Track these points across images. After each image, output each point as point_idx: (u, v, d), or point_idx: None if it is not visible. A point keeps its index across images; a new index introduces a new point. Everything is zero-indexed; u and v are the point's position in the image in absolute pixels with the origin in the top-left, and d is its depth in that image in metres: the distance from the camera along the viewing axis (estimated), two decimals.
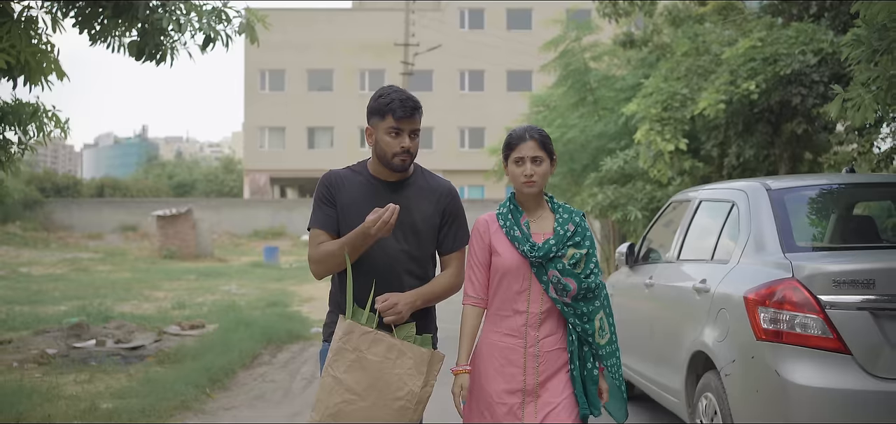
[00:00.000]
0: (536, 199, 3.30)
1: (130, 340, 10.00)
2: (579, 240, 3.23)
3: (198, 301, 14.90)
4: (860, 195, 5.42)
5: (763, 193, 4.62)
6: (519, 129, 3.28)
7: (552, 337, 3.22)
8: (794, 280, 3.96)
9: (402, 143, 3.16)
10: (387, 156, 3.18)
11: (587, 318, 3.20)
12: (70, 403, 6.27)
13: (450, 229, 3.30)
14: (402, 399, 3.03)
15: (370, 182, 3.27)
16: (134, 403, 6.31)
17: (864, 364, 3.81)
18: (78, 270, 23.07)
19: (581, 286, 3.18)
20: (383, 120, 3.17)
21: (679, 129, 12.88)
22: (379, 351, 3.04)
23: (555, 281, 3.17)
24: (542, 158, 3.23)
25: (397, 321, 3.09)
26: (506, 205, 3.31)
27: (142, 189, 51.82)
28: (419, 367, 3.06)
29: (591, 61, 19.13)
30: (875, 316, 3.83)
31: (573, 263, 3.19)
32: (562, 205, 3.33)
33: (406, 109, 3.15)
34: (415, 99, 3.20)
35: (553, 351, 3.21)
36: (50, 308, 13.56)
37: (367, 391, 3.01)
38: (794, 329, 3.90)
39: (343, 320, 3.10)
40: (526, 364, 3.19)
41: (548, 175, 3.24)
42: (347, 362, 3.03)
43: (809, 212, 4.77)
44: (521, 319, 3.21)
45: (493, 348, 3.24)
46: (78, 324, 10.66)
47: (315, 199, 3.30)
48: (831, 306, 3.86)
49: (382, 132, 3.17)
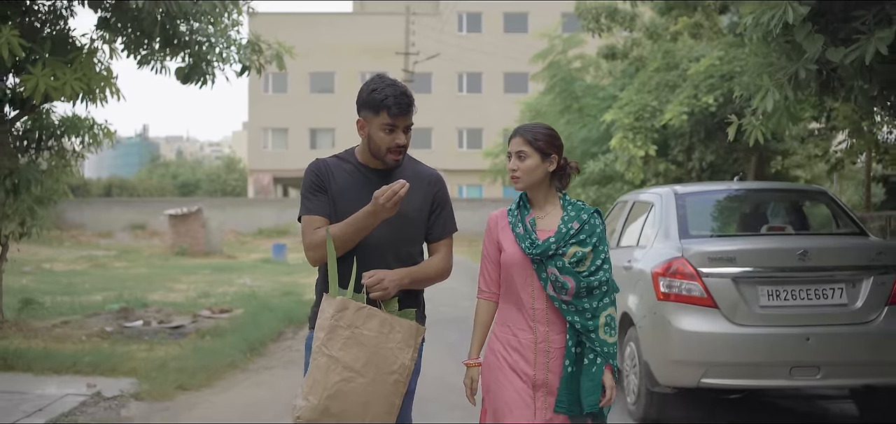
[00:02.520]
0: (543, 195, 3.30)
1: (171, 321, 11.59)
2: (584, 238, 3.21)
3: (219, 291, 16.41)
4: (744, 198, 7.11)
5: (672, 196, 6.29)
6: (517, 126, 3.36)
7: (560, 334, 3.22)
8: (683, 258, 5.64)
9: (397, 140, 3.15)
10: (381, 151, 3.17)
11: (591, 315, 3.17)
12: (144, 363, 7.90)
13: (438, 217, 3.30)
14: (395, 373, 3.04)
15: (359, 170, 3.25)
16: (193, 363, 7.95)
17: (727, 315, 5.49)
18: (97, 266, 24.29)
19: (580, 284, 3.16)
20: (377, 115, 3.13)
21: (649, 137, 14.60)
22: (373, 325, 3.02)
23: (553, 278, 3.17)
24: (527, 154, 3.22)
25: (383, 297, 3.07)
26: (516, 202, 3.35)
27: (148, 188, 52.71)
28: (408, 341, 3.07)
29: (577, 72, 20.79)
30: (735, 281, 5.52)
31: (574, 261, 3.17)
32: (573, 203, 3.31)
33: (401, 107, 3.12)
34: (409, 94, 3.17)
35: (561, 348, 3.22)
36: (86, 298, 15.01)
37: (366, 367, 3.00)
38: (682, 292, 5.57)
39: (331, 298, 3.05)
40: (536, 360, 3.21)
41: (536, 171, 3.22)
42: (343, 339, 2.99)
43: (703, 210, 6.45)
44: (528, 314, 3.23)
45: (505, 343, 3.26)
46: (123, 309, 12.29)
47: (305, 188, 3.26)
48: (707, 276, 5.53)
49: (376, 127, 3.14)
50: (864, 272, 5.54)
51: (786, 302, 5.52)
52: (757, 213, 6.84)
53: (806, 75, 5.36)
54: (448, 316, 11.33)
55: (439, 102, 47.50)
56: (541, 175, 3.24)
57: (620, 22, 18.55)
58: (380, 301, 3.07)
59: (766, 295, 5.52)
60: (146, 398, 6.70)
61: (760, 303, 5.52)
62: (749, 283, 5.53)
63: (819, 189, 7.06)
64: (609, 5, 18.37)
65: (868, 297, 5.50)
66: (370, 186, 3.14)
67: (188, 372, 7.52)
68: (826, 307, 5.51)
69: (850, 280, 5.55)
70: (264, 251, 31.07)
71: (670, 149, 15.42)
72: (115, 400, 6.54)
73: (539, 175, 3.23)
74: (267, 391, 7.27)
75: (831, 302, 5.52)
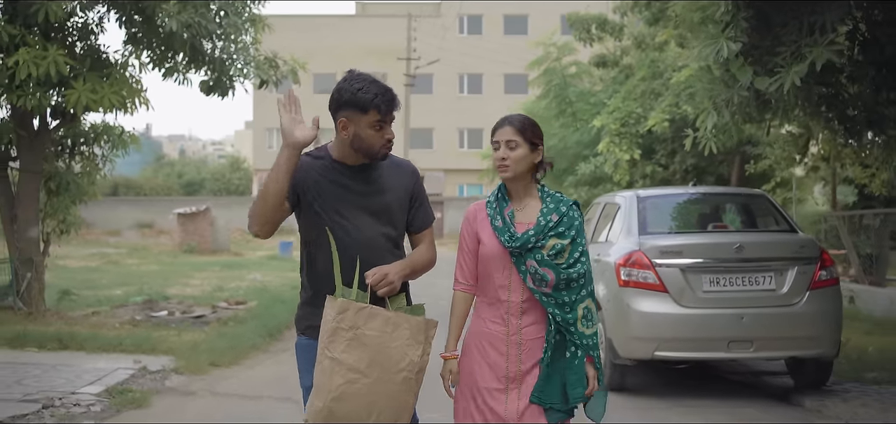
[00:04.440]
0: (523, 187, 3.26)
1: (192, 312, 12.67)
2: (563, 231, 3.19)
3: (231, 286, 17.46)
4: (696, 201, 8.20)
5: (634, 200, 7.39)
6: (503, 117, 3.31)
7: (535, 325, 3.21)
8: (640, 251, 6.74)
9: (386, 135, 3.15)
10: (373, 149, 3.14)
11: (569, 308, 3.16)
12: (178, 344, 8.99)
13: (419, 208, 3.29)
14: (404, 371, 3.01)
15: (333, 166, 3.20)
16: (221, 345, 9.04)
17: (676, 299, 6.60)
18: (110, 263, 25.08)
19: (559, 277, 3.15)
20: (366, 114, 3.10)
21: (634, 142, 15.69)
22: (376, 325, 2.99)
23: (532, 271, 3.15)
24: (517, 143, 3.19)
25: (390, 292, 3.05)
26: (494, 194, 3.32)
27: (154, 187, 53.29)
28: (416, 336, 3.04)
29: (572, 78, 21.88)
30: (682, 271, 6.63)
31: (553, 254, 3.16)
32: (551, 194, 3.28)
33: (390, 104, 3.12)
34: (394, 92, 3.18)
35: (536, 339, 3.20)
36: (107, 292, 16.08)
37: (370, 367, 2.96)
38: (639, 280, 6.67)
39: (333, 300, 3.00)
40: (508, 352, 3.20)
41: (524, 161, 3.19)
42: (345, 341, 2.95)
43: (661, 211, 7.56)
44: (503, 307, 3.22)
45: (480, 335, 3.26)
46: (147, 301, 13.39)
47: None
48: (659, 266, 6.64)
49: (365, 126, 3.11)
50: (790, 263, 6.67)
51: (724, 287, 6.64)
52: (706, 214, 7.95)
53: (740, 100, 6.46)
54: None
55: (440, 103, 48.27)
56: (528, 165, 3.22)
57: (610, 32, 19.63)
58: (387, 297, 3.06)
59: (708, 281, 6.63)
60: (184, 372, 7.80)
61: (703, 289, 6.63)
62: (694, 272, 6.64)
63: (760, 193, 8.19)
64: (599, 16, 19.44)
65: (793, 284, 6.63)
66: (346, 182, 3.17)
67: (218, 352, 8.62)
68: (758, 292, 6.64)
69: (778, 269, 6.67)
70: (270, 248, 31.93)
71: (655, 152, 16.51)
72: (159, 374, 7.64)
73: (526, 165, 3.21)
74: (289, 367, 8.24)
75: (762, 288, 6.65)
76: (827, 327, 6.70)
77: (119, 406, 6.42)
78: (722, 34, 6.27)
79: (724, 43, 6.16)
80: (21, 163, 10.75)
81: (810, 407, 6.63)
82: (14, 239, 10.72)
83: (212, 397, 7.00)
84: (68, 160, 11.89)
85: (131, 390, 6.86)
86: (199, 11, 9.85)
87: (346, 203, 3.16)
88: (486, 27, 50.11)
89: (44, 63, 9.09)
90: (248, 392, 7.21)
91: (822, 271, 6.69)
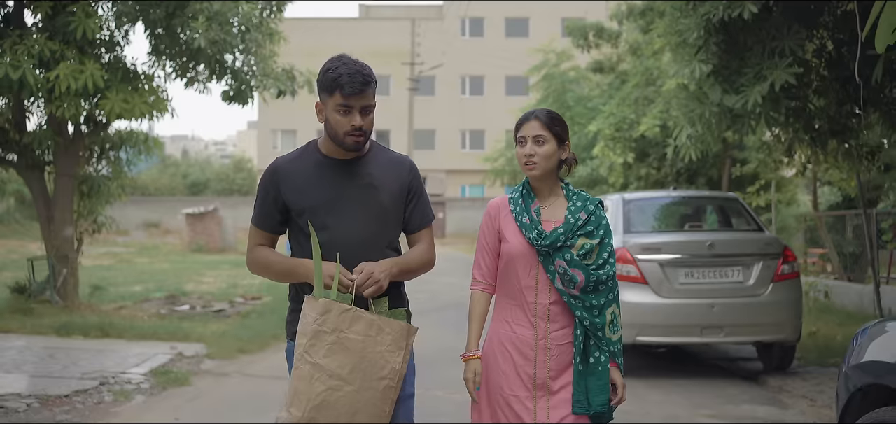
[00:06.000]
0: (549, 184, 3.12)
1: (212, 306, 13.55)
2: (592, 230, 3.06)
3: (244, 282, 18.27)
4: (676, 203, 9.08)
5: (620, 201, 8.25)
6: (528, 111, 3.17)
7: (564, 329, 3.06)
8: (624, 248, 7.59)
9: (352, 122, 2.88)
10: (338, 135, 2.91)
11: (598, 312, 3.03)
12: (206, 333, 9.86)
13: (416, 206, 3.09)
14: (386, 378, 2.83)
15: (321, 161, 3.01)
16: (245, 333, 9.91)
17: (655, 290, 7.46)
18: (122, 262, 25.65)
19: (589, 278, 3.01)
20: (332, 96, 2.89)
21: (627, 146, 16.54)
22: (360, 329, 2.80)
23: (561, 271, 3.01)
24: (544, 138, 3.04)
25: (377, 292, 2.85)
26: (518, 190, 3.16)
27: (159, 188, 54.04)
28: (398, 342, 2.86)
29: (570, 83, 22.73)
30: (661, 265, 7.50)
31: (583, 254, 3.02)
32: (577, 192, 3.15)
33: (354, 85, 2.86)
34: (366, 72, 2.90)
35: (565, 345, 3.05)
36: (126, 288, 16.90)
37: (352, 374, 2.79)
38: (622, 273, 7.52)
39: (313, 300, 2.81)
40: (537, 358, 3.05)
41: (553, 157, 3.06)
42: (327, 345, 2.76)
43: (643, 212, 8.42)
44: (530, 310, 3.06)
45: (503, 338, 3.10)
46: (169, 296, 14.27)
47: (257, 193, 3.06)
48: (641, 261, 7.50)
49: (331, 109, 2.90)
50: (756, 258, 7.54)
51: (698, 280, 7.52)
52: (686, 214, 8.84)
53: (710, 114, 7.33)
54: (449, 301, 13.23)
55: (443, 105, 48.91)
56: (555, 162, 3.09)
57: (607, 39, 20.51)
58: (370, 298, 2.87)
59: (684, 275, 7.51)
60: (216, 357, 8.67)
61: (679, 281, 7.49)
62: (671, 266, 7.51)
63: (732, 196, 9.08)
64: (596, 24, 20.32)
65: (758, 277, 7.50)
66: (333, 177, 2.98)
67: (244, 340, 9.49)
68: (727, 284, 7.51)
69: (746, 264, 7.55)
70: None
71: (648, 155, 17.36)
72: (194, 358, 8.51)
73: (554, 162, 3.08)
74: None
75: (731, 281, 7.52)
76: (788, 315, 7.59)
77: (164, 385, 7.29)
78: (695, 56, 7.13)
79: (697, 64, 7.03)
80: (57, 167, 11.62)
81: (774, 386, 7.51)
82: (51, 238, 11.60)
83: (243, 377, 7.87)
84: (96, 164, 12.78)
85: (172, 371, 7.73)
86: (224, 29, 10.70)
87: (332, 200, 2.97)
88: (488, 30, 50.60)
89: (82, 77, 9.93)
90: (275, 373, 8.07)
91: (785, 265, 7.58)
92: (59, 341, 9.01)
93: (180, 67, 11.97)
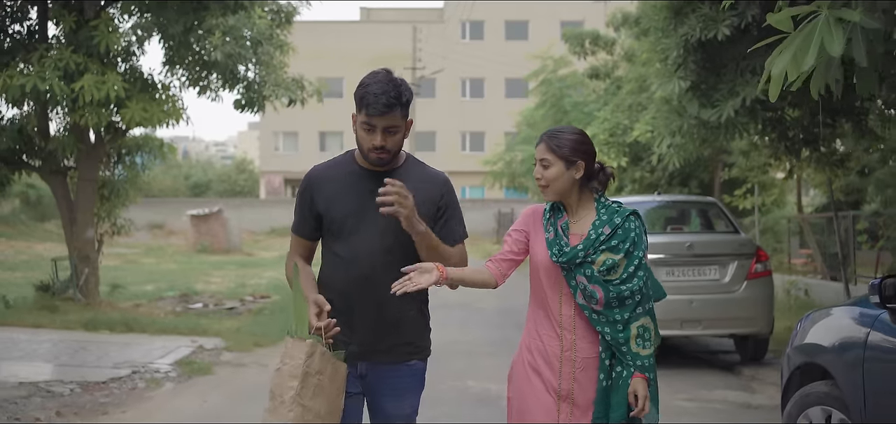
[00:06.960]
0: (575, 199, 3.11)
1: (224, 304, 14.22)
2: (617, 244, 3.02)
3: (252, 282, 18.87)
4: (660, 206, 9.78)
5: None
6: (546, 131, 3.19)
7: (591, 344, 3.06)
8: None
9: (374, 141, 2.93)
10: (363, 150, 2.99)
11: (621, 326, 2.99)
12: (223, 329, 10.53)
13: (447, 223, 3.09)
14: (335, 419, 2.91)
15: (354, 171, 3.06)
16: (259, 329, 10.58)
17: None
18: (129, 262, 25.61)
19: (610, 294, 2.98)
20: (359, 112, 2.96)
21: (621, 150, 17.22)
22: (329, 371, 2.85)
23: (581, 287, 3.01)
24: (549, 162, 3.06)
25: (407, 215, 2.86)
26: (551, 203, 3.17)
27: (162, 189, 54.33)
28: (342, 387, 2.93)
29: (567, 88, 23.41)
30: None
31: (604, 270, 2.99)
32: (607, 206, 3.11)
33: (378, 106, 2.89)
34: (393, 94, 2.91)
35: (590, 358, 3.06)
36: (137, 287, 17.48)
37: (327, 416, 2.85)
38: None
39: (300, 341, 2.84)
40: (561, 369, 3.07)
41: (561, 178, 3.05)
42: (312, 387, 2.80)
43: None
44: (555, 321, 3.09)
45: (533, 349, 3.14)
46: (182, 295, 14.94)
47: (296, 200, 3.15)
48: None
49: (358, 124, 2.96)
50: (731, 257, 8.23)
51: (678, 278, 8.20)
52: (669, 217, 9.53)
53: (688, 126, 8.01)
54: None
55: (443, 107, 49.32)
56: (567, 183, 3.07)
57: (603, 46, 21.17)
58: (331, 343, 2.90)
59: (665, 273, 8.19)
60: (234, 350, 9.34)
61: (661, 279, 8.16)
62: (654, 265, 8.15)
63: (711, 200, 9.79)
64: (593, 31, 20.98)
65: (733, 275, 8.20)
66: (364, 187, 3.01)
67: (259, 335, 10.17)
68: (705, 281, 8.21)
69: (722, 263, 8.24)
70: (280, 248, 33.09)
71: (641, 159, 18.03)
72: (214, 351, 9.18)
73: (565, 183, 3.07)
74: None
75: (708, 278, 8.21)
76: (761, 310, 8.28)
77: (189, 374, 7.97)
78: (675, 73, 7.81)
79: (676, 81, 7.70)
80: (79, 172, 12.30)
81: (747, 375, 8.20)
82: (73, 240, 12.27)
83: (261, 368, 8.53)
84: (114, 168, 13.45)
85: (195, 362, 8.41)
86: (238, 42, 11.38)
87: (359, 210, 3.01)
88: (488, 33, 50.91)
89: (104, 87, 10.59)
90: None
91: (758, 264, 8.27)
92: (88, 335, 9.70)
93: (194, 76, 12.62)
